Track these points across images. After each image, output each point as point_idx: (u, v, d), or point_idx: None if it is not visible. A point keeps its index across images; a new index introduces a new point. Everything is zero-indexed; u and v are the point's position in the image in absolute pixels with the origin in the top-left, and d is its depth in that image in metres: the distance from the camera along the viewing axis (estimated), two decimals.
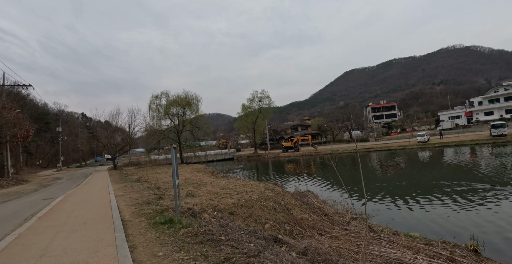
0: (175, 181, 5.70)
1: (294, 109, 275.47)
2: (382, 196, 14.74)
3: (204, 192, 10.83)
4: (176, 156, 5.37)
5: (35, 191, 18.82)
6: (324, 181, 21.94)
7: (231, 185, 12.60)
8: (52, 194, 14.93)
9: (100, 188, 14.75)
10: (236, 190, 11.08)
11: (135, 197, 10.10)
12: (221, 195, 10.06)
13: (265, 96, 62.62)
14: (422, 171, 23.29)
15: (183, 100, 46.61)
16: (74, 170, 47.65)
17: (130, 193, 11.60)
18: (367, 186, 18.20)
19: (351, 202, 13.23)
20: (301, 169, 33.68)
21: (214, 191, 11.13)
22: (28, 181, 29.82)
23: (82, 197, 11.79)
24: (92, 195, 12.08)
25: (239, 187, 12.01)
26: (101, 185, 16.32)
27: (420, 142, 49.73)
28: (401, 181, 18.83)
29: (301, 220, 8.38)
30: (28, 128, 29.99)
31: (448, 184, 16.43)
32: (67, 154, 66.23)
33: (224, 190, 11.21)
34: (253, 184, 12.66)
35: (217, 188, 11.93)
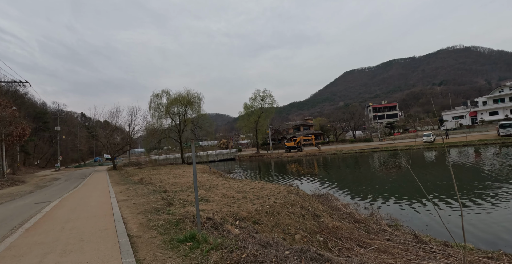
0: (196, 187, 4.55)
1: (294, 109, 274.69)
2: (407, 198, 13.61)
3: (218, 196, 9.64)
4: (194, 153, 4.23)
5: (30, 193, 17.64)
6: (332, 182, 20.85)
7: (247, 188, 11.40)
8: (47, 197, 13.77)
9: (100, 191, 13.53)
10: (255, 194, 9.89)
11: (140, 203, 8.92)
12: (239, 200, 8.87)
13: (268, 95, 61.47)
14: (436, 171, 22.19)
15: (184, 99, 45.44)
16: (72, 170, 46.43)
17: (134, 197, 10.41)
18: (382, 186, 17.11)
19: (373, 206, 12.14)
20: (306, 169, 32.53)
21: (229, 194, 9.95)
22: (25, 181, 28.62)
23: (79, 201, 10.62)
24: (91, 200, 10.90)
25: (257, 190, 10.81)
26: (101, 187, 15.10)
27: (426, 142, 48.72)
28: (421, 182, 17.69)
29: (334, 229, 7.27)
30: (25, 126, 28.76)
31: (473, 185, 15.34)
32: (65, 154, 64.98)
33: (241, 194, 10.01)
34: (272, 187, 11.46)
35: (231, 191, 10.74)
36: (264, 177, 27.25)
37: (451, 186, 15.74)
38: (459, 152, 36.27)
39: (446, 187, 15.71)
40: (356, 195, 15.55)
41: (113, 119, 39.69)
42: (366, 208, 11.29)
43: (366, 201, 13.60)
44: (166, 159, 52.42)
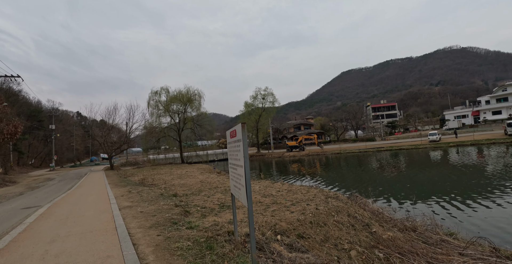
0: (247, 197, 2.99)
1: (291, 109, 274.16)
2: (442, 199, 12.21)
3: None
4: (247, 149, 2.76)
5: (20, 195, 16.06)
6: (345, 183, 19.47)
7: (272, 191, 9.82)
8: (37, 200, 12.22)
9: (97, 194, 11.89)
10: (286, 199, 8.32)
11: (149, 211, 7.24)
12: (270, 206, 7.27)
13: (269, 93, 59.95)
14: (458, 170, 20.84)
15: (184, 96, 43.88)
16: (67, 170, 44.73)
17: (139, 203, 8.69)
18: (402, 186, 15.74)
19: (403, 209, 10.76)
20: (312, 169, 31.11)
21: (254, 199, 8.43)
22: (16, 182, 26.97)
23: (72, 208, 8.95)
24: (86, 206, 9.19)
25: (286, 193, 9.26)
26: (98, 190, 13.45)
27: (431, 141, 47.66)
28: (444, 182, 16.32)
29: (390, 241, 5.87)
30: (16, 124, 27.01)
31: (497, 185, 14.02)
32: (61, 154, 63.19)
33: (269, 199, 8.43)
34: (302, 189, 9.94)
35: (255, 194, 9.19)
36: (270, 177, 25.79)
37: (483, 185, 14.43)
38: (469, 151, 35.08)
39: (477, 186, 14.37)
40: (377, 197, 14.12)
41: (110, 117, 38.05)
42: (407, 211, 9.87)
43: (389, 203, 12.23)
44: (165, 158, 50.84)
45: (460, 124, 72.97)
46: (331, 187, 17.96)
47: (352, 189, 15.83)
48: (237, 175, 3.44)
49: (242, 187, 3.13)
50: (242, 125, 3.03)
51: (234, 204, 3.98)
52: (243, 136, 2.96)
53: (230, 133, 3.73)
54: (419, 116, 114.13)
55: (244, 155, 2.93)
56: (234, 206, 3.94)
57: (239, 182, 3.37)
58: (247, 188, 2.89)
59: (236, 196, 3.69)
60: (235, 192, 3.68)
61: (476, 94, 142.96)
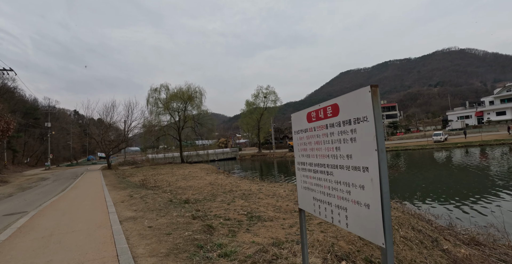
0: (384, 231, 1.59)
1: (290, 109, 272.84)
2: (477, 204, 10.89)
3: (271, 210, 6.59)
4: (382, 134, 1.34)
5: (9, 196, 14.62)
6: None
7: None
8: (25, 204, 10.81)
9: (93, 199, 10.41)
10: None
11: (160, 226, 5.59)
12: (312, 218, 5.85)
13: (271, 91, 58.62)
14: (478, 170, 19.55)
15: (184, 94, 42.42)
16: (63, 170, 43.19)
17: (145, 212, 7.04)
18: (426, 188, 14.44)
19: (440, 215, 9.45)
20: None
21: (285, 207, 6.95)
22: (8, 182, 25.47)
23: (61, 219, 7.30)
24: (78, 216, 7.47)
25: None
26: (94, 193, 11.87)
27: (436, 141, 46.55)
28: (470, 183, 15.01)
29: (468, 260, 4.58)
30: (9, 120, 25.57)
31: None
32: (57, 152, 61.61)
33: None
34: None
35: (282, 200, 7.72)
36: (276, 178, 24.45)
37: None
38: (476, 151, 33.95)
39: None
40: (409, 200, 12.78)
41: (108, 114, 36.53)
42: (448, 215, 8.56)
43: (420, 206, 10.94)
44: (164, 158, 49.30)
45: (463, 125, 72.02)
46: None
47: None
48: (339, 183, 2.02)
49: (362, 210, 1.74)
50: (373, 89, 1.67)
51: (304, 223, 2.61)
52: (376, 109, 1.60)
53: (320, 111, 2.37)
54: (419, 117, 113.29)
55: (379, 146, 1.58)
56: (304, 228, 2.58)
57: (346, 197, 1.96)
58: (384, 212, 1.53)
59: (326, 218, 2.28)
60: (327, 213, 2.28)
61: (475, 95, 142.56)
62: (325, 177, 2.20)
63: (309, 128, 2.47)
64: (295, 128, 2.71)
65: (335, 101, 2.11)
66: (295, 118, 2.74)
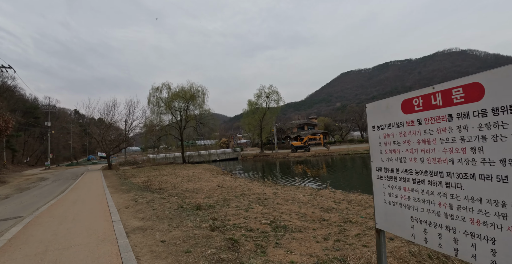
0: None
1: (290, 109, 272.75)
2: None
3: (296, 218, 5.78)
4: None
5: (6, 198, 13.98)
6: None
7: (328, 202, 7.53)
8: (20, 207, 10.17)
9: (94, 203, 9.57)
10: (362, 214, 6.27)
11: (176, 240, 4.73)
12: (346, 228, 5.04)
13: (273, 91, 57.87)
14: None
15: (187, 93, 41.81)
16: (63, 169, 42.54)
17: (155, 222, 6.24)
18: None
19: None
20: (325, 171, 29.15)
21: (310, 214, 6.16)
22: (6, 182, 24.83)
23: (57, 229, 6.37)
24: (78, 226, 6.53)
25: (346, 204, 7.14)
26: (95, 196, 11.14)
27: None
28: None
29: None
30: (7, 118, 24.93)
31: None
32: (57, 152, 60.95)
33: (336, 215, 6.14)
34: (368, 199, 7.85)
35: (306, 206, 7.01)
36: (285, 180, 23.77)
37: None
38: None
39: None
40: None
41: (109, 113, 35.85)
42: None
43: None
44: (165, 158, 48.66)
45: None
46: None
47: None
48: (478, 200, 1.29)
49: None
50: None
51: (383, 248, 1.95)
52: None
53: (436, 95, 1.72)
54: None
55: None
56: (384, 254, 1.93)
57: (494, 222, 1.33)
58: None
59: (442, 249, 1.54)
60: (443, 242, 1.50)
61: None
62: (444, 191, 1.55)
63: (407, 121, 1.84)
64: (374, 122, 2.08)
65: (475, 78, 1.46)
66: (374, 108, 2.12)
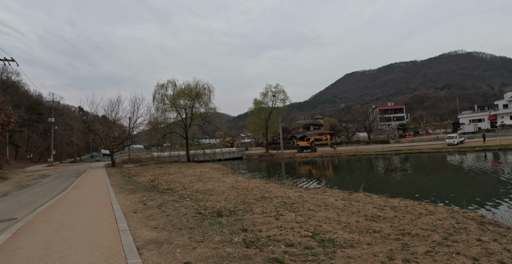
0: None
1: (294, 109, 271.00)
2: None
3: (339, 229, 4.81)
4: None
5: (4, 196, 13.19)
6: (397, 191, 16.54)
7: (368, 208, 6.44)
8: (17, 207, 9.36)
9: (97, 206, 8.48)
10: (420, 226, 5.27)
11: (204, 262, 3.58)
12: (411, 245, 4.22)
13: (280, 90, 57.01)
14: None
15: (192, 90, 40.99)
16: (66, 166, 41.93)
17: (171, 232, 5.11)
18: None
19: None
20: (333, 172, 28.18)
21: (361, 225, 5.35)
22: (7, 178, 24.15)
23: (53, 239, 5.25)
24: (78, 236, 5.38)
25: (400, 214, 6.20)
26: (98, 196, 10.23)
27: (449, 144, 44.85)
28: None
29: None
30: (9, 113, 24.24)
31: None
32: (60, 148, 60.46)
33: (390, 226, 5.30)
34: (413, 205, 6.82)
35: (348, 214, 6.19)
36: (298, 181, 22.84)
37: None
38: (505, 155, 32.11)
39: None
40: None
41: (113, 109, 35.09)
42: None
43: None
44: (169, 156, 47.96)
45: (476, 128, 70.10)
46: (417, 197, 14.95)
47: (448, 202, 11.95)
48: None
49: None
50: None
51: None
52: None
53: None
54: (427, 120, 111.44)
55: None
56: None
57: None
58: None
59: None
60: None
61: (483, 99, 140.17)
62: None
63: None
64: None
65: None
66: None
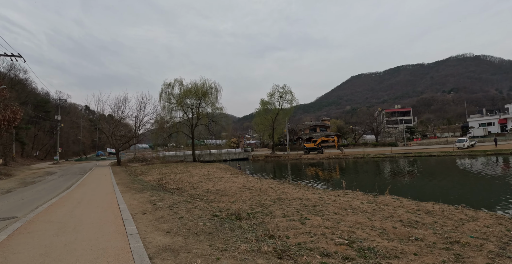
0: None
1: (299, 111, 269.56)
2: None
3: (390, 239, 4.50)
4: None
5: (7, 192, 12.83)
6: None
7: (400, 212, 5.95)
8: (19, 205, 8.97)
9: (102, 205, 7.97)
10: (468, 238, 4.72)
11: None
12: (463, 256, 3.70)
13: (287, 91, 56.45)
14: None
15: (199, 90, 40.61)
16: (72, 164, 41.76)
17: (187, 238, 4.49)
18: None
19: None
20: (343, 175, 27.53)
21: (399, 232, 4.74)
22: (12, 175, 23.88)
23: (53, 243, 4.69)
24: (80, 239, 4.86)
25: (425, 216, 5.59)
26: (104, 195, 9.77)
27: (459, 148, 43.94)
28: None
29: None
30: (16, 109, 24.04)
31: None
32: (66, 146, 60.52)
33: (434, 234, 4.72)
34: (451, 211, 6.25)
35: (381, 219, 5.65)
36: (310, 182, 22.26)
37: None
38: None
39: None
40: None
41: (119, 108, 34.82)
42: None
43: None
44: (175, 155, 47.64)
45: (485, 132, 68.90)
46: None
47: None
48: None
49: None
50: None
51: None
52: None
53: None
54: (434, 123, 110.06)
55: None
56: None
57: None
58: None
59: None
60: None
61: (491, 103, 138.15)
62: None
63: None
64: None
65: None
66: None
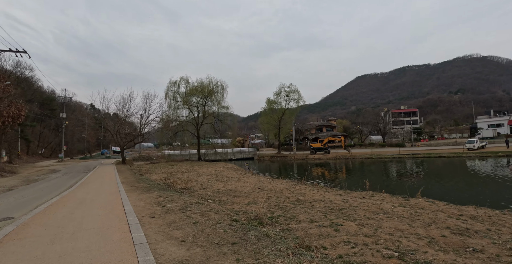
0: None
1: (305, 111, 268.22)
2: None
3: (441, 249, 3.70)
4: None
5: (9, 190, 12.37)
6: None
7: (445, 218, 5.43)
8: (19, 203, 8.49)
9: (106, 206, 7.44)
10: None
11: None
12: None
13: (293, 90, 55.72)
14: None
15: (205, 88, 40.08)
16: (76, 162, 41.49)
17: (207, 250, 3.76)
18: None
19: None
20: (352, 176, 26.85)
21: (450, 241, 4.12)
22: (16, 172, 23.55)
23: (46, 252, 4.08)
24: (78, 249, 4.21)
25: (480, 223, 5.03)
26: (108, 195, 9.18)
27: (469, 149, 43.02)
28: None
29: None
30: (20, 106, 23.70)
31: None
32: (71, 145, 60.47)
33: (493, 244, 4.05)
34: (480, 213, 5.63)
35: (424, 225, 5.00)
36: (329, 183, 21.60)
37: None
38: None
39: None
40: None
41: (124, 105, 34.39)
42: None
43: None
44: (180, 154, 47.21)
45: (495, 133, 67.76)
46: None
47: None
48: None
49: None
50: None
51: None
52: None
53: None
54: (441, 124, 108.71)
55: None
56: None
57: None
58: None
59: None
60: None
61: (499, 104, 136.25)
62: None
63: None
64: None
65: None
66: None
